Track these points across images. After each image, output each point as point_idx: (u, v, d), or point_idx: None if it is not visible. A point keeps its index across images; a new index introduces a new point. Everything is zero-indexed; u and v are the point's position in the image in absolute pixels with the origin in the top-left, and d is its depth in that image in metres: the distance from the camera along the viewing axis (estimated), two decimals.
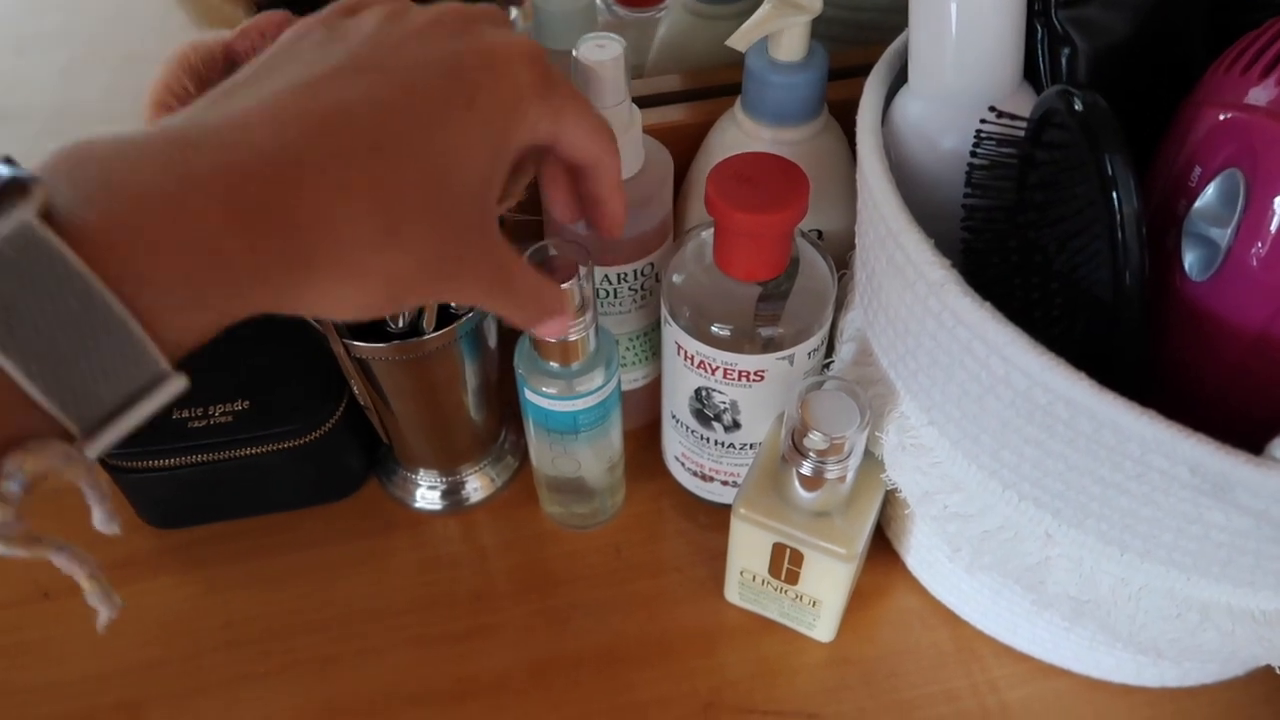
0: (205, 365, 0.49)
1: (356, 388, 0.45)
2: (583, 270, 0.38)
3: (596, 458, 0.46)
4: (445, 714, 0.45)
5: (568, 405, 0.43)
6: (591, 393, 0.43)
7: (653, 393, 0.51)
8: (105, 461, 0.48)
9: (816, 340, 0.43)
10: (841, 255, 0.45)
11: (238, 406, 0.48)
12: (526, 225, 0.44)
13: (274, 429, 0.48)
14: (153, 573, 0.51)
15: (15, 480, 0.20)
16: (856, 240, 0.41)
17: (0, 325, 0.19)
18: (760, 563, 0.43)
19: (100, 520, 0.24)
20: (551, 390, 0.42)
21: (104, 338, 0.20)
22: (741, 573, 0.45)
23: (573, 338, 0.41)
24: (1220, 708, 0.44)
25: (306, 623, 0.48)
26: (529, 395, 0.43)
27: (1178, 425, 0.28)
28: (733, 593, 0.47)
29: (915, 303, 0.35)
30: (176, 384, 0.22)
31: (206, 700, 0.46)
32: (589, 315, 0.40)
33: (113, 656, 0.47)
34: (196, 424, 0.48)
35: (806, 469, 0.39)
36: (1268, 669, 0.44)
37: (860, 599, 0.48)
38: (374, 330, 0.42)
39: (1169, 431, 0.28)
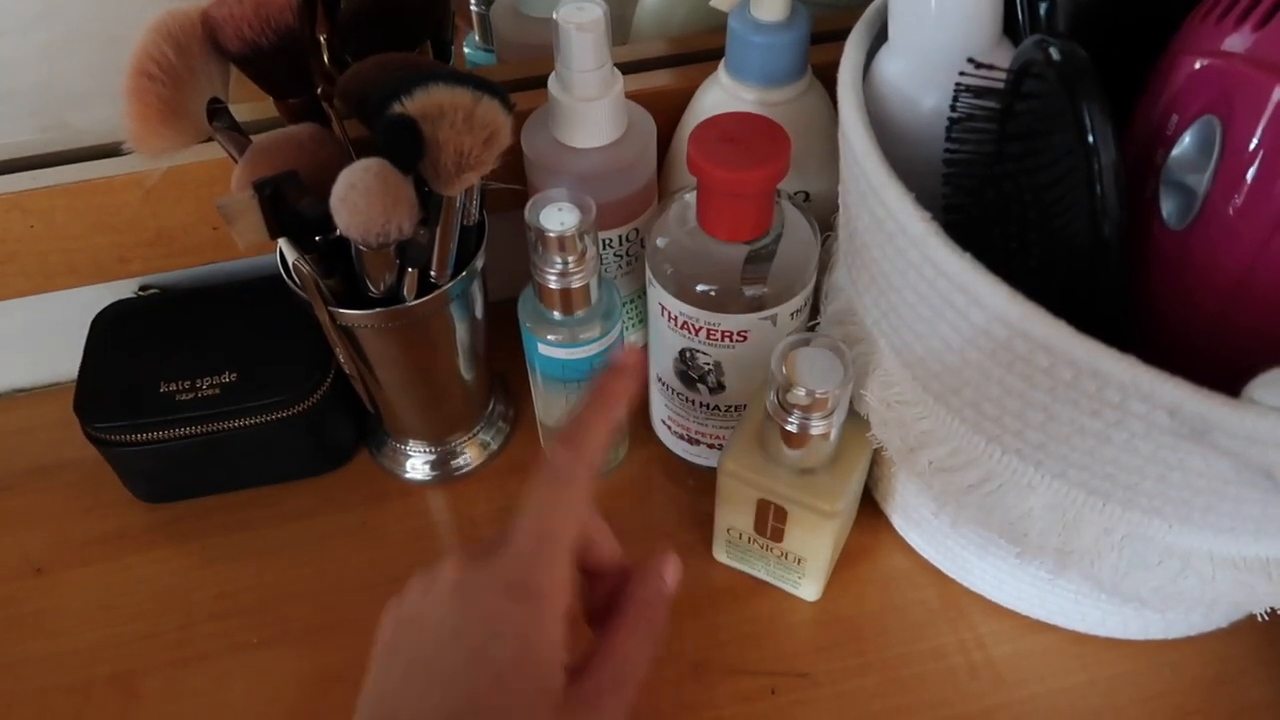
0: (192, 339, 0.50)
1: (342, 356, 0.45)
2: (583, 219, 0.39)
3: None
4: None
5: (581, 352, 0.43)
6: (603, 336, 0.43)
7: (640, 360, 0.51)
8: (94, 436, 0.48)
9: (800, 300, 0.43)
10: (826, 218, 0.46)
11: (225, 379, 0.48)
12: (506, 194, 0.44)
13: (261, 400, 0.48)
14: (144, 546, 0.51)
15: None
16: (840, 199, 0.41)
17: None
18: (746, 520, 0.43)
19: None
20: (555, 338, 0.43)
21: None
22: (729, 531, 0.45)
23: (575, 285, 0.41)
24: (1204, 659, 0.44)
25: (299, 593, 0.49)
26: (541, 348, 0.44)
27: (1156, 369, 0.28)
28: (720, 552, 0.47)
29: (897, 256, 0.35)
30: None
31: (200, 670, 0.46)
32: (590, 262, 0.41)
33: (106, 628, 0.48)
34: (184, 397, 0.48)
35: (791, 425, 0.39)
36: (1250, 621, 0.44)
37: (848, 560, 0.48)
38: (358, 298, 0.42)
39: (1148, 375, 0.28)
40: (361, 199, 0.34)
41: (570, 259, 0.40)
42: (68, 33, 0.47)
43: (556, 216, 0.39)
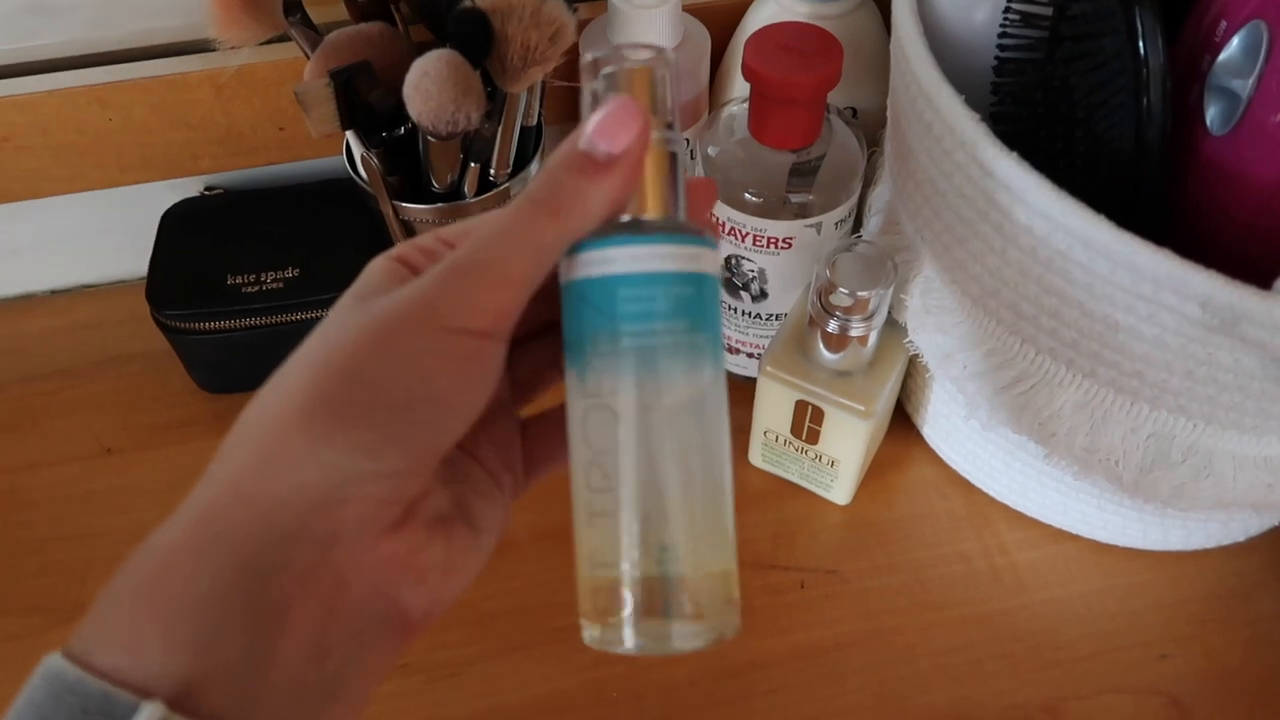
0: (257, 236, 0.52)
1: None
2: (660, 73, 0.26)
3: None
4: None
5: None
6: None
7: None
8: (164, 324, 0.50)
9: (844, 210, 0.44)
10: (873, 133, 0.47)
11: (289, 274, 0.51)
12: (559, 106, 0.45)
13: (323, 295, 0.50)
14: (208, 433, 0.53)
15: None
16: (889, 111, 0.42)
17: None
18: (783, 422, 0.45)
19: None
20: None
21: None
22: (765, 433, 0.47)
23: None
24: (1220, 571, 0.46)
25: None
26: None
27: (1188, 262, 0.30)
28: (756, 455, 0.49)
29: (944, 159, 0.36)
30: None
31: None
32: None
33: (171, 507, 0.50)
34: (249, 289, 0.50)
35: (832, 327, 0.41)
36: (1266, 536, 0.46)
37: (878, 468, 0.50)
38: (420, 194, 0.44)
39: (1181, 268, 0.30)
40: (434, 86, 0.36)
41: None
42: None
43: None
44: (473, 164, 0.42)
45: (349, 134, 0.43)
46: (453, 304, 0.23)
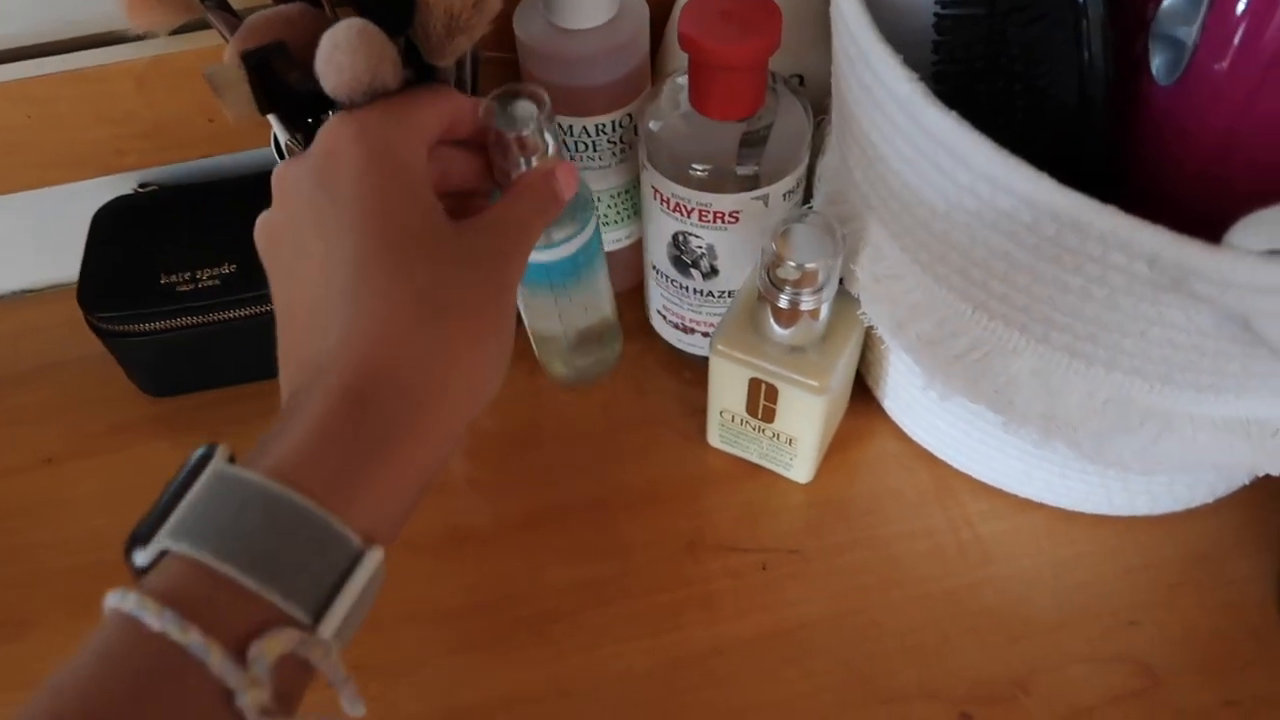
0: (192, 232, 0.51)
1: None
2: (542, 113, 0.35)
3: (601, 294, 0.47)
4: (439, 557, 0.46)
5: (559, 252, 0.43)
6: (579, 233, 0.43)
7: (637, 253, 0.51)
8: (97, 326, 0.49)
9: (792, 181, 0.43)
10: (820, 101, 0.45)
11: (225, 270, 0.49)
12: (496, 63, 0.43)
13: (261, 290, 0.48)
14: (149, 437, 0.52)
15: (261, 664, 0.23)
16: (832, 76, 0.41)
17: (247, 554, 0.24)
18: (738, 401, 0.44)
19: (347, 702, 0.26)
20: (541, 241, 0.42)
21: (315, 543, 0.25)
22: (721, 413, 0.46)
23: None
24: (1188, 535, 0.45)
25: None
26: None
27: (1135, 218, 0.29)
28: (714, 435, 0.48)
29: (885, 122, 0.35)
30: (375, 556, 0.26)
31: None
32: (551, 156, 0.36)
33: (116, 514, 0.47)
34: (184, 288, 0.48)
35: (782, 301, 0.39)
36: (1232, 498, 0.45)
37: (840, 444, 0.49)
38: None
39: (1127, 224, 0.29)
40: (346, 56, 0.34)
41: (533, 159, 0.36)
42: None
43: (514, 116, 0.36)
44: None
45: (273, 121, 0.41)
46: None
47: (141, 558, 0.25)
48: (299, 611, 0.24)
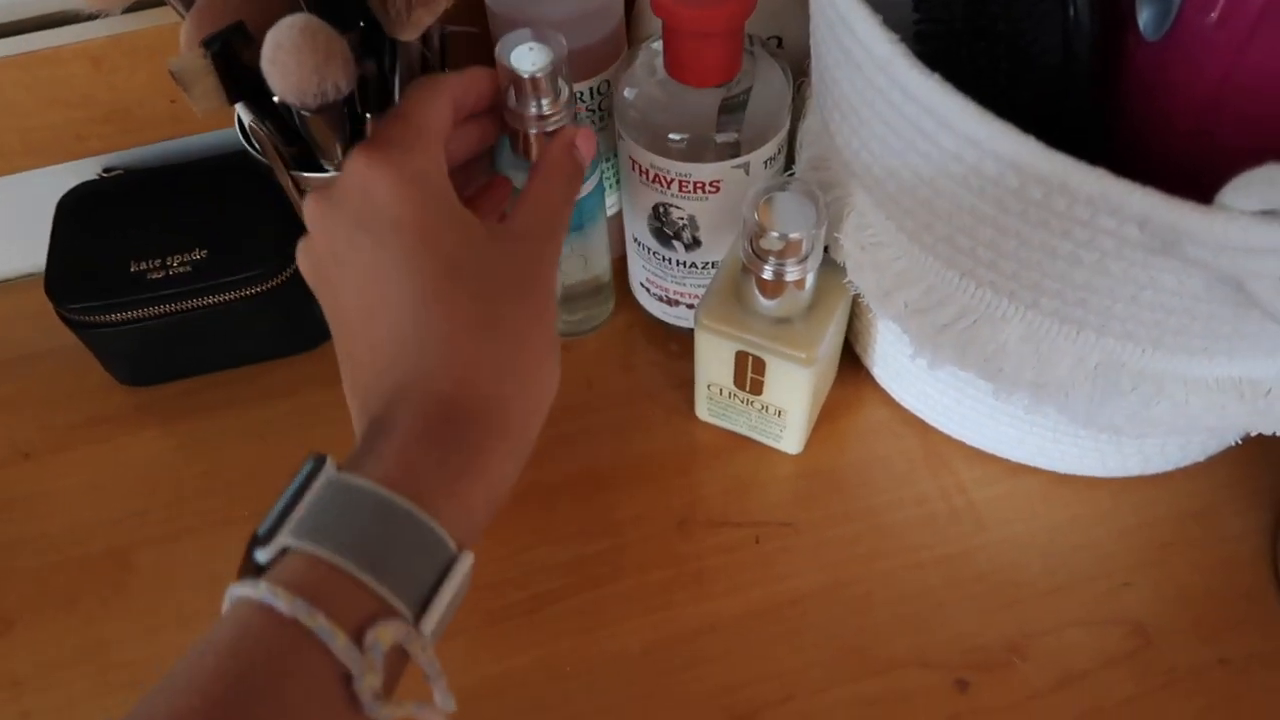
0: (160, 218, 0.49)
1: None
2: (555, 55, 0.37)
3: (600, 247, 0.47)
4: None
5: None
6: (587, 178, 0.42)
7: (617, 225, 0.50)
8: (68, 318, 0.47)
9: (773, 148, 0.42)
10: (800, 62, 0.44)
11: (196, 256, 0.48)
12: (464, 37, 0.42)
13: (233, 276, 0.47)
14: (130, 429, 0.51)
15: (377, 650, 0.25)
16: (811, 38, 0.40)
17: (360, 552, 0.26)
18: (725, 374, 0.43)
19: (440, 696, 0.28)
20: None
21: (420, 545, 0.27)
22: (709, 386, 0.45)
23: (552, 128, 0.38)
24: (1181, 494, 0.45)
25: (285, 468, 0.48)
26: None
27: (1125, 180, 0.28)
28: (702, 409, 0.47)
29: (865, 86, 0.34)
30: (467, 559, 0.28)
31: (191, 543, 0.47)
32: (565, 109, 0.38)
33: (97, 509, 0.48)
34: (155, 275, 0.47)
35: (766, 273, 0.38)
36: (1224, 456, 0.45)
37: (830, 413, 0.48)
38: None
39: (1117, 186, 0.28)
40: (290, 58, 0.33)
41: (545, 101, 0.37)
42: None
43: (527, 56, 0.37)
44: (369, 115, 0.39)
45: (239, 106, 0.40)
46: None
47: (263, 555, 0.27)
48: (404, 606, 0.26)
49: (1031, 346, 0.35)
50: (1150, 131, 0.33)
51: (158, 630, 0.44)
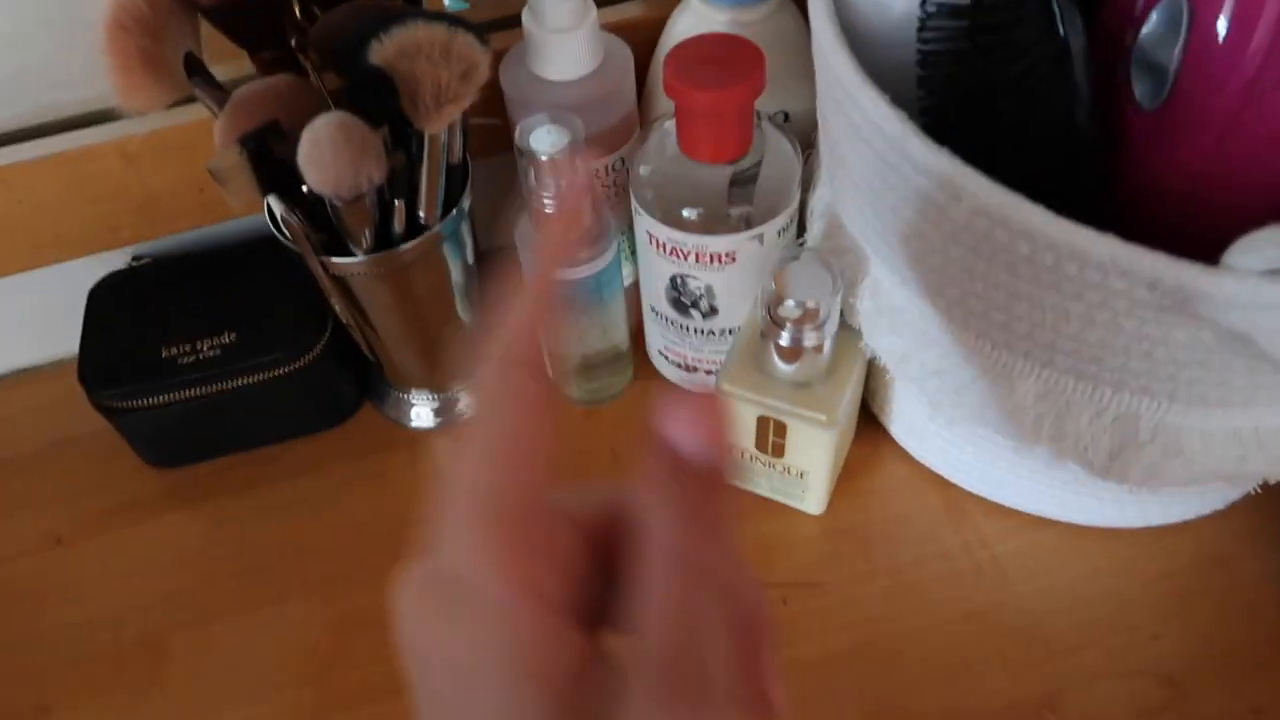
0: (189, 303, 0.51)
1: (338, 306, 0.45)
2: (573, 138, 0.39)
3: (618, 317, 0.48)
4: None
5: (584, 270, 0.44)
6: (604, 252, 0.44)
7: (634, 295, 0.52)
8: (100, 404, 0.48)
9: (785, 218, 0.43)
10: (807, 135, 0.46)
11: (225, 339, 0.49)
12: (485, 138, 0.44)
13: (262, 358, 0.48)
14: (160, 512, 0.52)
15: None
16: (818, 114, 0.42)
17: None
18: (746, 437, 0.44)
19: None
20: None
21: None
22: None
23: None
24: (1202, 541, 0.45)
25: (314, 545, 0.50)
26: None
27: (1134, 245, 0.29)
28: None
29: (876, 160, 0.35)
30: None
31: (226, 625, 0.47)
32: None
33: (130, 593, 0.49)
34: (185, 360, 0.48)
35: (784, 339, 0.40)
36: (1243, 502, 0.45)
37: (850, 473, 0.49)
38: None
39: (1126, 251, 0.29)
40: (327, 153, 0.34)
41: (563, 181, 0.40)
42: (34, 19, 0.46)
43: (546, 138, 0.39)
44: (397, 201, 0.41)
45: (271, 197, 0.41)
46: None
47: None
48: None
49: (1049, 403, 0.36)
50: (1151, 192, 0.34)
51: (195, 713, 0.44)
